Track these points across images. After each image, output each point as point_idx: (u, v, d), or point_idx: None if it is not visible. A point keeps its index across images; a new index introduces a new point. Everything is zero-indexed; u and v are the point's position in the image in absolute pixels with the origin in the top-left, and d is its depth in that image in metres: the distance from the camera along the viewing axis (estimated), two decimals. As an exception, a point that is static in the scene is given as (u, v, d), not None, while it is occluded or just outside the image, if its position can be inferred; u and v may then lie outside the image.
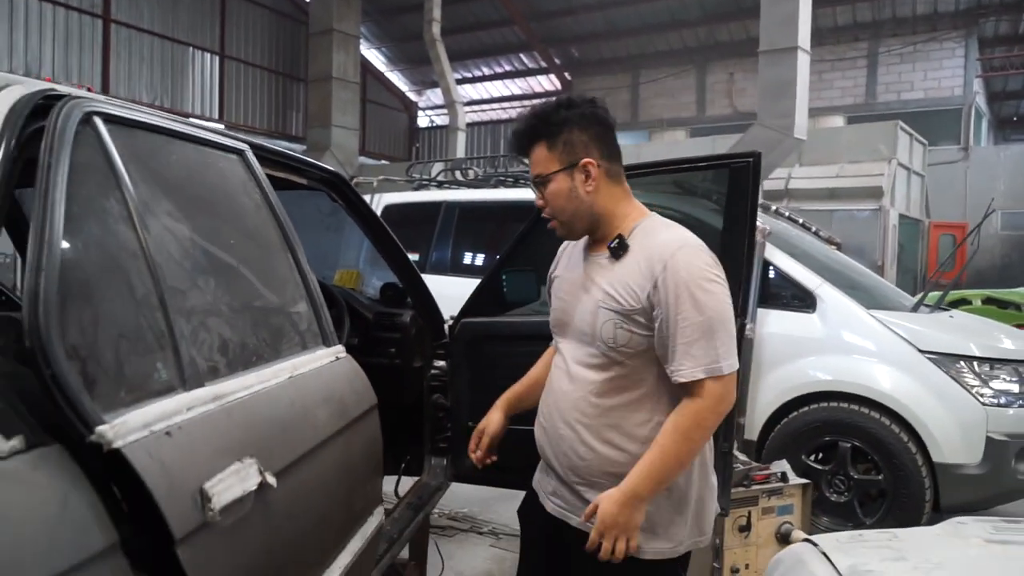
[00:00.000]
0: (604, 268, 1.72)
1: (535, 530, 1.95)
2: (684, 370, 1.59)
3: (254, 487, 1.27)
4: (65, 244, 1.10)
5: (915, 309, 4.39)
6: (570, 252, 1.89)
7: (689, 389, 1.60)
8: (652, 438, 1.63)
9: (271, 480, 1.31)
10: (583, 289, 1.76)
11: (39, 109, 1.21)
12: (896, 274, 11.17)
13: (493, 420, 2.04)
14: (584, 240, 1.82)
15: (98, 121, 1.31)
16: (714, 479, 1.81)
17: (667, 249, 1.62)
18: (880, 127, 12.36)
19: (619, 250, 1.69)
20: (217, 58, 17.95)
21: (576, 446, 1.73)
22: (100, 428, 1.01)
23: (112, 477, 1.06)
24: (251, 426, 1.40)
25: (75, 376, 1.02)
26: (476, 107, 23.30)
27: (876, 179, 11.19)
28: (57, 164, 1.14)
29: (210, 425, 1.27)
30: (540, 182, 1.74)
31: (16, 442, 0.94)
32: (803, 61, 9.83)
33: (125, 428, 1.05)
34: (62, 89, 1.30)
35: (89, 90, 1.54)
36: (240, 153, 1.86)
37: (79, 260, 1.16)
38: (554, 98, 1.76)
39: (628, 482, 1.60)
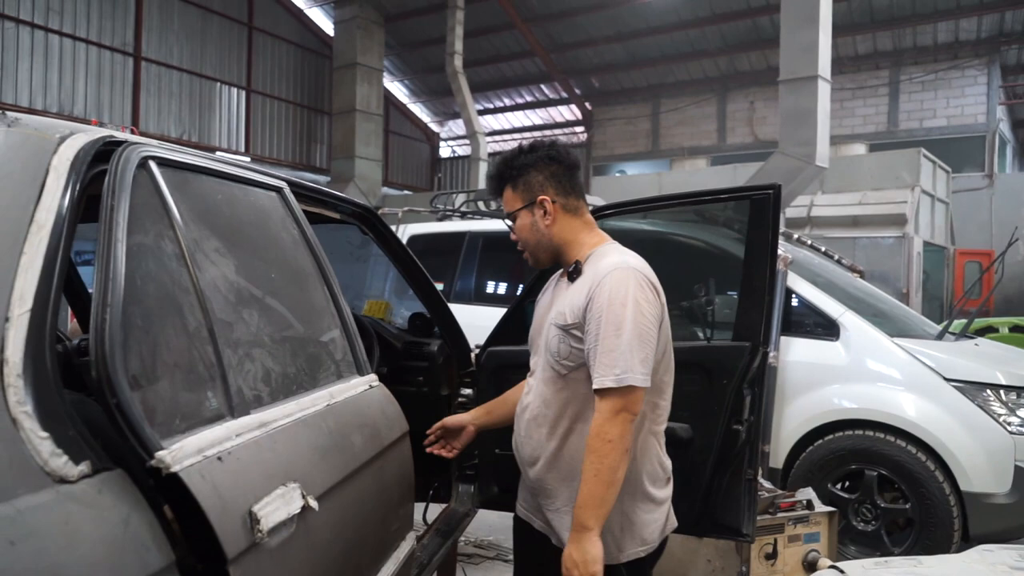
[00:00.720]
0: (563, 291, 1.90)
1: (520, 534, 2.12)
2: (595, 379, 1.71)
3: (298, 510, 1.33)
4: (126, 280, 1.18)
5: (940, 337, 4.38)
6: (553, 280, 2.05)
7: (598, 400, 1.71)
8: None
9: (313, 503, 1.38)
10: (547, 310, 1.94)
11: (100, 154, 1.30)
12: (921, 302, 11.07)
13: (456, 416, 2.26)
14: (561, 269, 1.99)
15: (152, 165, 1.40)
16: (657, 491, 1.87)
17: (605, 270, 1.77)
18: (902, 155, 12.34)
19: (574, 274, 1.87)
20: (244, 92, 18.33)
21: (532, 454, 1.89)
22: (160, 453, 1.08)
23: (168, 499, 1.13)
24: (293, 452, 1.46)
25: (137, 404, 1.09)
26: (497, 137, 23.54)
27: (899, 206, 11.17)
28: (119, 205, 1.23)
29: (256, 451, 1.33)
30: (510, 219, 1.96)
31: (84, 467, 1.01)
32: (824, 90, 9.86)
33: (182, 453, 1.12)
34: (119, 136, 1.39)
35: (133, 131, 1.64)
36: (279, 191, 1.95)
37: (138, 295, 1.23)
38: (518, 145, 1.98)
39: (574, 520, 1.71)
